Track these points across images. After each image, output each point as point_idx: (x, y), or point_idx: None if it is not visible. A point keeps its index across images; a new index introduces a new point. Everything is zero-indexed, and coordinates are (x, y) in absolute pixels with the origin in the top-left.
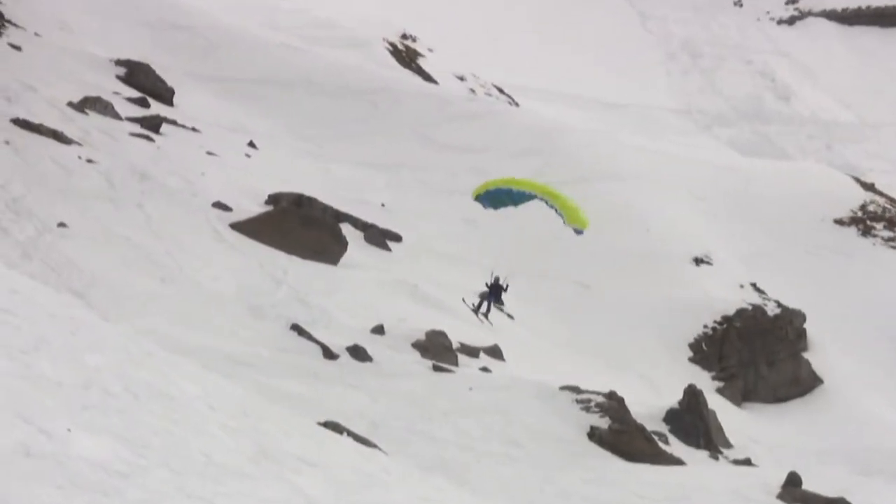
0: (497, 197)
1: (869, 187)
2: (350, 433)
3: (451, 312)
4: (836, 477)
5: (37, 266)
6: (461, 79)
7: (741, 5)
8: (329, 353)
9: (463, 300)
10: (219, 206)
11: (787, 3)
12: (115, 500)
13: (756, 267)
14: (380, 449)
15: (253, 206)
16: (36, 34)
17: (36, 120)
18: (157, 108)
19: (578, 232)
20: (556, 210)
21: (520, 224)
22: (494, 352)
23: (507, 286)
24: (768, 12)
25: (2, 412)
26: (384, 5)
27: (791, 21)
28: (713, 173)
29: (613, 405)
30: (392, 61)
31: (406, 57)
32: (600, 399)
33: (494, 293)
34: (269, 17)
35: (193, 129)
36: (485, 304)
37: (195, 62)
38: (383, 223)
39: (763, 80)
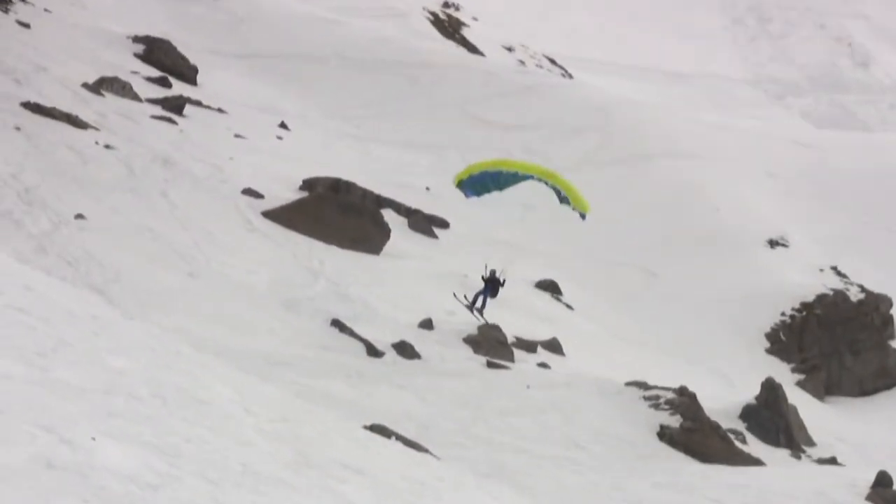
0: (482, 182)
1: None
2: (398, 437)
3: (506, 304)
4: None
5: (53, 261)
6: (509, 49)
7: None
8: (373, 351)
9: (454, 295)
10: (249, 192)
11: None
12: None
13: (836, 249)
14: (430, 453)
15: (286, 193)
16: (46, 10)
17: (48, 103)
18: (179, 87)
19: (583, 216)
20: (558, 192)
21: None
22: (553, 346)
23: (504, 280)
24: None
25: (19, 421)
26: None
27: None
28: (786, 148)
29: (685, 401)
30: (433, 32)
31: (448, 27)
32: (670, 395)
33: (491, 288)
34: None
35: (219, 111)
36: (480, 300)
37: (219, 37)
38: (428, 208)
39: (839, 45)
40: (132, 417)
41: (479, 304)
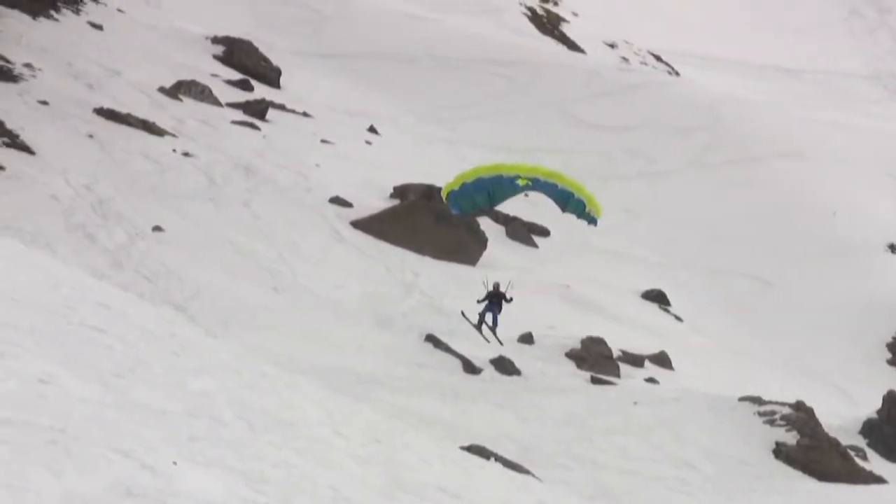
0: (472, 194)
1: None
2: (498, 458)
3: (611, 316)
4: None
5: (129, 276)
6: (611, 46)
7: None
8: (471, 368)
9: (462, 313)
10: (336, 201)
11: None
12: None
13: None
14: (532, 475)
15: (376, 201)
16: (119, 10)
17: (123, 109)
18: (261, 91)
19: (594, 222)
20: (567, 196)
21: (687, 212)
22: (661, 360)
23: (511, 298)
24: None
25: (96, 447)
26: None
27: None
28: None
29: (802, 417)
30: (531, 28)
31: (547, 23)
32: (786, 410)
33: (496, 304)
34: None
35: (304, 115)
36: (489, 317)
37: (304, 37)
38: (527, 216)
39: None
40: (215, 441)
41: (488, 322)
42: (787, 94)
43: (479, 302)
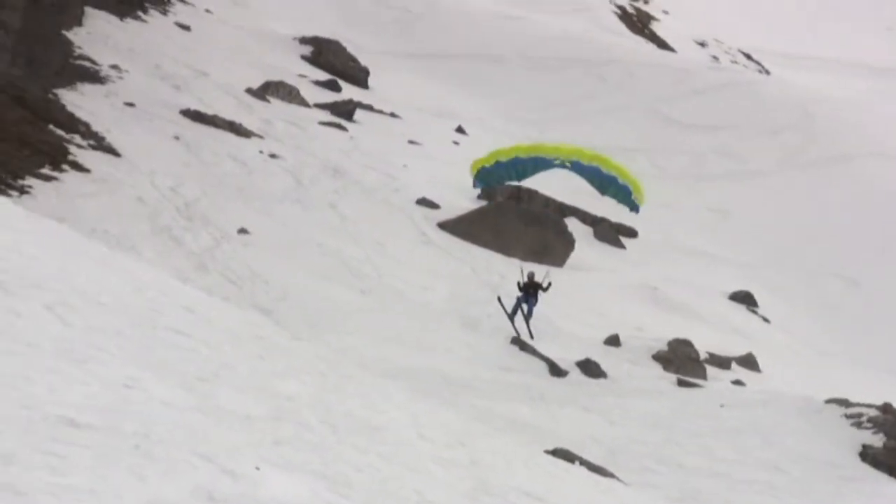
0: (500, 172)
1: None
2: (583, 462)
3: (698, 318)
4: None
5: (214, 279)
6: (702, 45)
7: None
8: (556, 370)
9: (498, 299)
10: (424, 203)
11: None
12: None
13: None
14: (618, 479)
15: (463, 202)
16: (207, 11)
17: (210, 110)
18: (349, 91)
19: (636, 209)
20: (612, 180)
21: (776, 212)
22: (748, 362)
23: (549, 284)
24: None
25: (179, 451)
26: None
27: None
28: None
29: (889, 419)
30: (621, 27)
31: (638, 21)
32: (873, 413)
33: (532, 294)
34: None
35: (392, 115)
36: (524, 308)
37: (392, 37)
38: (615, 217)
39: None
40: (299, 445)
41: (520, 313)
42: (877, 93)
43: (519, 289)
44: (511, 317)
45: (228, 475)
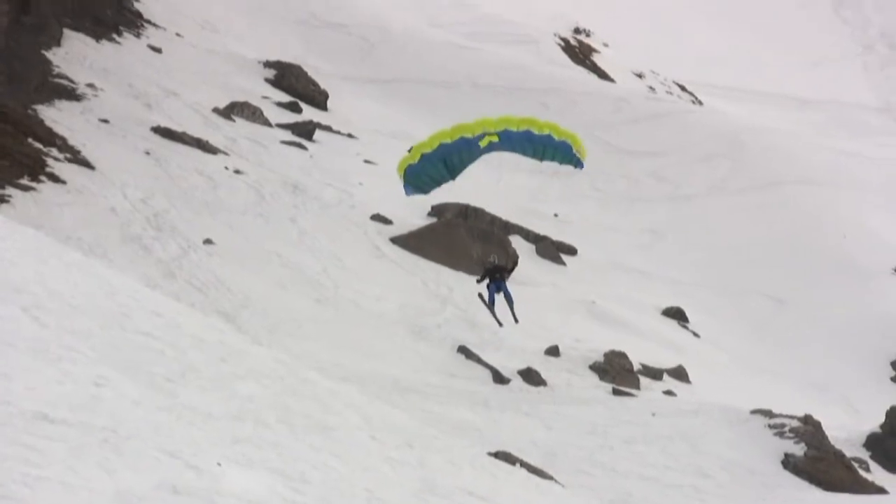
0: (434, 161)
1: None
2: (524, 464)
3: (633, 331)
4: None
5: (181, 286)
6: (640, 76)
7: None
8: (500, 378)
9: (479, 295)
10: (378, 218)
11: None
12: None
13: None
14: (556, 481)
15: (415, 219)
16: (178, 34)
17: (178, 128)
18: (309, 113)
19: (580, 164)
20: (548, 140)
21: (708, 234)
22: (679, 373)
23: (515, 264)
24: None
25: (145, 446)
26: None
27: None
28: None
29: (809, 430)
30: (564, 58)
31: (580, 53)
32: (795, 423)
33: (501, 279)
34: (431, 13)
35: (349, 136)
36: (503, 297)
37: (351, 63)
38: (556, 235)
39: None
40: (259, 443)
41: (497, 301)
42: (804, 124)
43: (478, 282)
44: (491, 308)
45: (192, 470)
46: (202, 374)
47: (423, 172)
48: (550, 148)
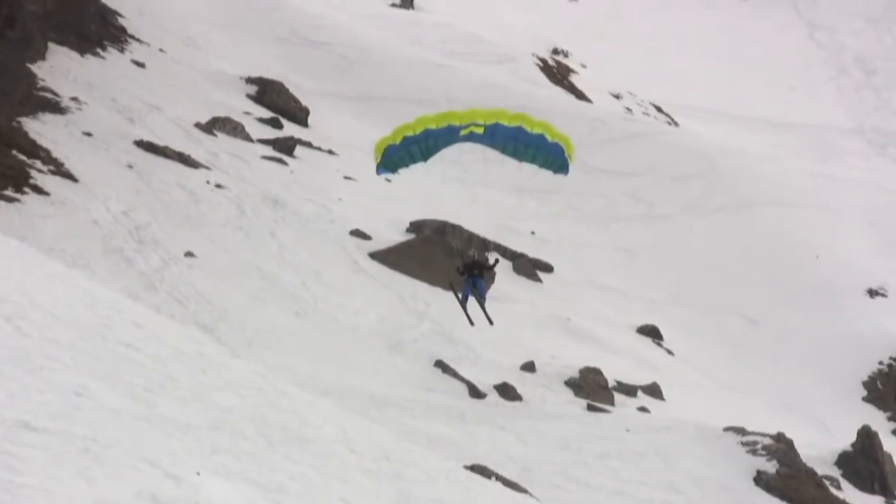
0: (403, 152)
1: None
2: (499, 478)
3: (608, 348)
4: None
5: (162, 298)
6: (617, 97)
7: None
8: (476, 392)
9: (451, 284)
10: (357, 234)
11: None
12: None
13: None
14: (531, 495)
15: (393, 235)
16: (161, 50)
17: (161, 142)
18: (290, 129)
19: (565, 169)
20: (539, 140)
21: (682, 254)
22: (653, 390)
23: (497, 261)
24: None
25: (125, 455)
26: (534, 19)
27: None
28: (889, 198)
29: (781, 448)
30: (542, 78)
31: (557, 73)
32: (767, 441)
33: (478, 275)
34: (410, 31)
35: (330, 152)
36: (478, 296)
37: (331, 80)
38: (533, 252)
39: None
40: (237, 454)
41: (470, 300)
42: (778, 146)
43: (458, 272)
44: (463, 304)
45: (171, 479)
46: (181, 385)
47: (400, 154)
48: (537, 149)
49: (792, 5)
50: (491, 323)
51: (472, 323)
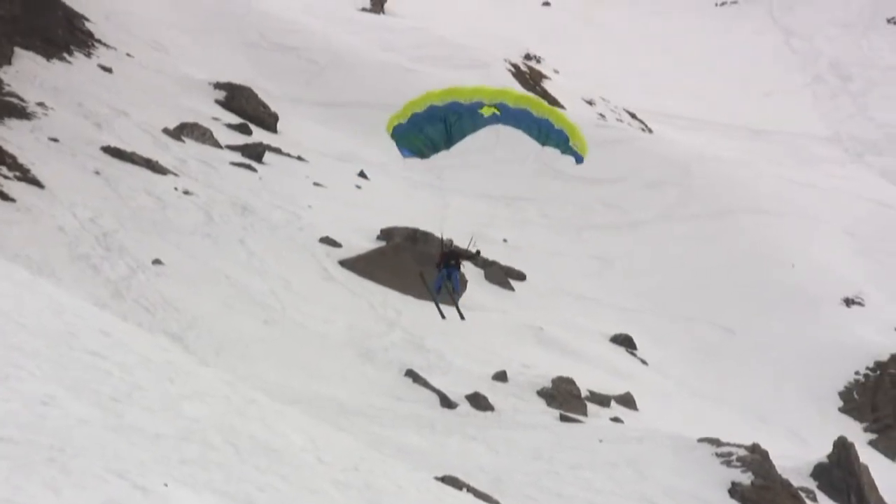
0: (428, 121)
1: None
2: (470, 489)
3: (581, 358)
4: None
5: (129, 306)
6: (590, 103)
7: None
8: (447, 402)
9: (421, 275)
10: (327, 241)
11: None
12: None
13: None
14: None
15: (363, 242)
16: (128, 54)
17: (128, 148)
18: (259, 135)
19: (580, 159)
20: (547, 125)
21: (657, 262)
22: (627, 400)
23: (478, 251)
24: None
25: (92, 466)
26: (506, 23)
27: None
28: (866, 207)
29: (756, 459)
30: (515, 84)
31: (530, 79)
32: (742, 452)
33: (454, 266)
34: (381, 36)
35: (299, 158)
36: (450, 286)
37: (301, 85)
38: (505, 260)
39: None
40: (204, 464)
41: (443, 289)
42: (753, 153)
43: (437, 266)
44: (435, 297)
45: (138, 490)
46: (149, 394)
47: (420, 133)
48: (553, 133)
49: (767, 11)
50: (462, 318)
51: (443, 316)
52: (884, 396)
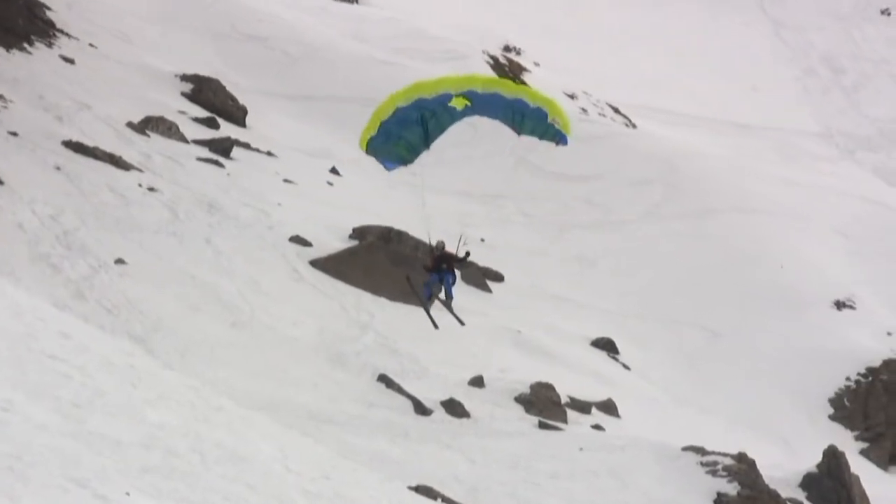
0: (401, 126)
1: None
2: (445, 499)
3: (561, 362)
4: None
5: (91, 307)
6: (571, 97)
7: (889, 14)
8: (421, 408)
9: (407, 278)
10: (297, 240)
11: None
12: None
13: None
14: None
15: (335, 241)
16: (91, 45)
17: (91, 142)
18: (227, 129)
19: (564, 140)
20: (522, 105)
21: (640, 262)
22: (608, 407)
23: (468, 253)
24: None
25: (51, 474)
26: (485, 14)
27: None
28: (857, 206)
29: (743, 468)
30: (493, 76)
31: (509, 71)
32: (728, 461)
33: (447, 270)
34: (355, 27)
35: (268, 154)
36: (444, 291)
37: (272, 78)
38: (483, 261)
39: None
40: (168, 473)
41: (437, 296)
42: (741, 150)
43: (427, 270)
44: (426, 304)
45: (99, 500)
46: (111, 400)
47: (399, 140)
48: (525, 116)
49: (757, 1)
50: (462, 324)
51: (436, 326)
52: (876, 403)
